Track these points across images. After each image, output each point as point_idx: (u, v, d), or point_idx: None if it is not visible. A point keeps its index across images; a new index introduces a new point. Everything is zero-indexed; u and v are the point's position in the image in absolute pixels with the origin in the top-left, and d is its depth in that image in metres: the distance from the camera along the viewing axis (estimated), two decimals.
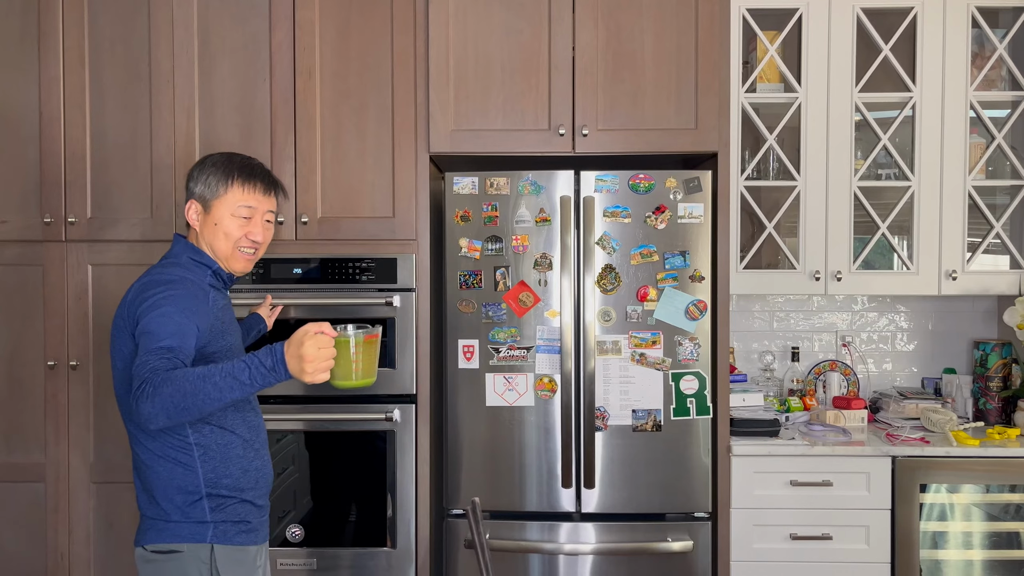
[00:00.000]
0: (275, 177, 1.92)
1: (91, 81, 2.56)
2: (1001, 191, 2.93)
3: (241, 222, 1.83)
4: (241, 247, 1.84)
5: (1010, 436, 2.59)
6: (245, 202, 1.82)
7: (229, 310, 1.89)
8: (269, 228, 1.90)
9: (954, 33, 2.77)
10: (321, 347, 1.48)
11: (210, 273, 1.84)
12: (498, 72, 2.53)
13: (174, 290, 1.70)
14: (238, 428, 1.79)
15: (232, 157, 1.86)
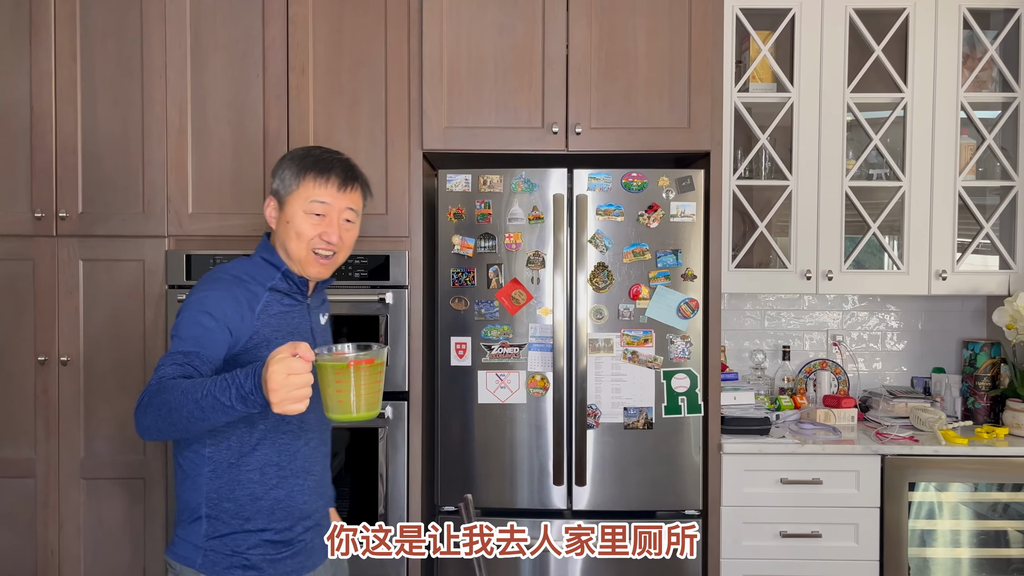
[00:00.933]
0: (357, 171, 1.69)
1: (83, 75, 2.55)
2: (991, 192, 2.94)
3: (314, 220, 1.61)
4: (315, 249, 1.62)
5: (998, 435, 2.61)
6: (318, 197, 1.60)
7: (297, 319, 1.67)
8: (349, 229, 1.66)
9: (945, 34, 2.79)
10: (292, 373, 1.23)
11: (279, 275, 1.65)
12: (492, 69, 2.53)
13: (215, 289, 1.56)
14: (263, 449, 1.59)
15: (311, 149, 1.68)
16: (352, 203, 1.65)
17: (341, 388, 1.24)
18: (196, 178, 2.55)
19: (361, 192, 1.69)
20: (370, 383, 1.27)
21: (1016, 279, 2.82)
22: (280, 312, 1.63)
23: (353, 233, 1.69)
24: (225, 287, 1.57)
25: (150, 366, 2.54)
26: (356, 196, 1.67)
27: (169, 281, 2.53)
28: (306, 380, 1.23)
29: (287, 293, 1.66)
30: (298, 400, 1.23)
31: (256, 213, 2.54)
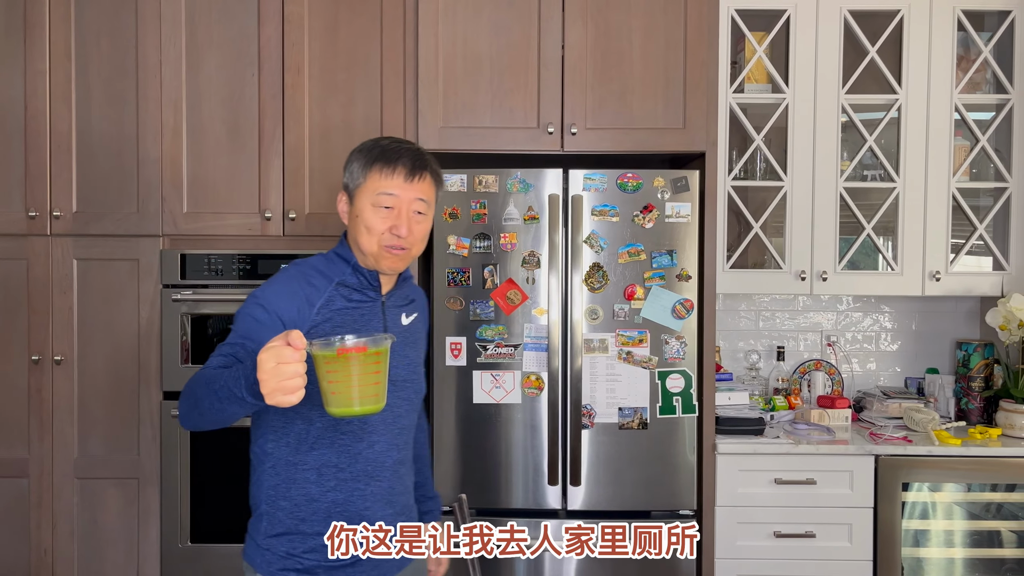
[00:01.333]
0: (426, 160, 1.58)
1: (77, 74, 2.54)
2: (985, 193, 2.95)
3: (383, 213, 1.53)
4: (386, 243, 1.53)
5: (991, 436, 2.61)
6: (385, 189, 1.52)
7: (367, 315, 1.59)
8: (420, 221, 1.57)
9: (940, 36, 2.80)
10: (281, 362, 1.15)
11: (349, 270, 1.58)
12: (487, 69, 2.53)
13: (274, 283, 1.53)
14: (321, 448, 1.53)
15: (380, 140, 1.60)
16: (422, 194, 1.56)
17: (332, 379, 1.16)
18: (191, 177, 2.55)
19: (433, 182, 1.60)
20: (364, 375, 1.19)
21: (1009, 280, 2.83)
22: (345, 308, 1.56)
23: (425, 225, 1.59)
24: (284, 281, 1.53)
25: (144, 365, 2.53)
26: (426, 186, 1.57)
27: (164, 280, 2.53)
28: (296, 370, 1.15)
29: (357, 288, 1.58)
30: (289, 391, 1.16)
31: (252, 212, 2.54)
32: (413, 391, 1.67)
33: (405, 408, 1.63)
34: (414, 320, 1.71)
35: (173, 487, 2.53)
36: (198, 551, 2.54)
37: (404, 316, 1.67)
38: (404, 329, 1.66)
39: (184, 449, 2.53)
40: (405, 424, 1.63)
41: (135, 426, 2.54)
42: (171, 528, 2.54)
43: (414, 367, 1.67)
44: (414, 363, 1.68)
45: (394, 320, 1.64)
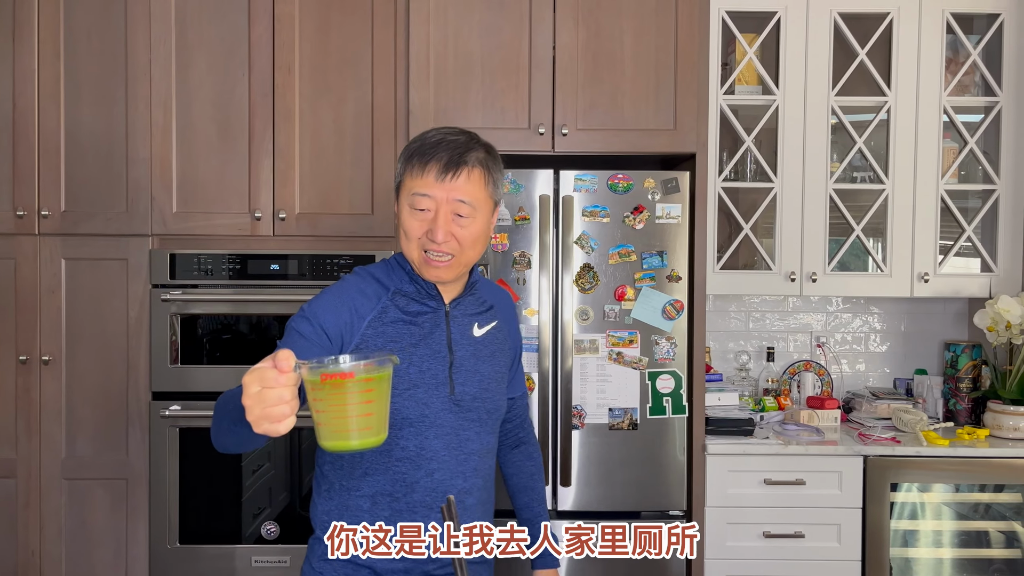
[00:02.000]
0: (467, 154, 1.39)
1: (66, 73, 2.53)
2: (973, 195, 2.97)
3: (419, 216, 1.37)
4: (427, 250, 1.37)
5: (979, 436, 2.63)
6: (417, 189, 1.37)
7: (427, 327, 1.43)
8: (465, 224, 1.38)
9: (929, 39, 2.81)
10: (266, 386, 0.99)
11: (406, 277, 1.45)
12: (478, 70, 2.53)
13: (326, 293, 1.41)
14: (376, 475, 1.40)
15: (427, 132, 1.44)
16: (460, 194, 1.37)
17: (318, 408, 1.00)
18: (180, 177, 2.54)
19: (482, 176, 1.40)
20: (353, 404, 1.00)
21: (997, 282, 2.84)
22: (400, 320, 1.41)
23: (472, 228, 1.39)
24: (334, 291, 1.41)
25: (133, 366, 2.52)
26: (465, 185, 1.37)
27: (153, 280, 2.52)
28: (281, 396, 0.98)
29: (415, 298, 1.44)
30: (275, 420, 0.99)
31: (242, 212, 2.53)
32: (485, 411, 1.47)
33: (474, 431, 1.45)
34: (491, 330, 1.52)
35: (162, 488, 2.52)
36: (187, 552, 2.53)
37: (476, 326, 1.50)
38: (476, 341, 1.49)
39: (173, 450, 2.52)
40: (474, 449, 1.45)
41: (123, 427, 2.53)
42: (160, 529, 2.53)
43: (487, 384, 1.48)
44: (488, 379, 1.48)
45: (462, 332, 1.47)
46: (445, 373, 1.43)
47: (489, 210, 1.44)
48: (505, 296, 1.63)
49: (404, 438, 1.39)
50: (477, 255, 1.44)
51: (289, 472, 2.55)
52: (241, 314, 2.53)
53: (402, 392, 1.37)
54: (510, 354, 1.58)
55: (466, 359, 1.46)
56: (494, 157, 1.44)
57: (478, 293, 1.53)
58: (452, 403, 1.42)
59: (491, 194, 1.43)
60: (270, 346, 2.53)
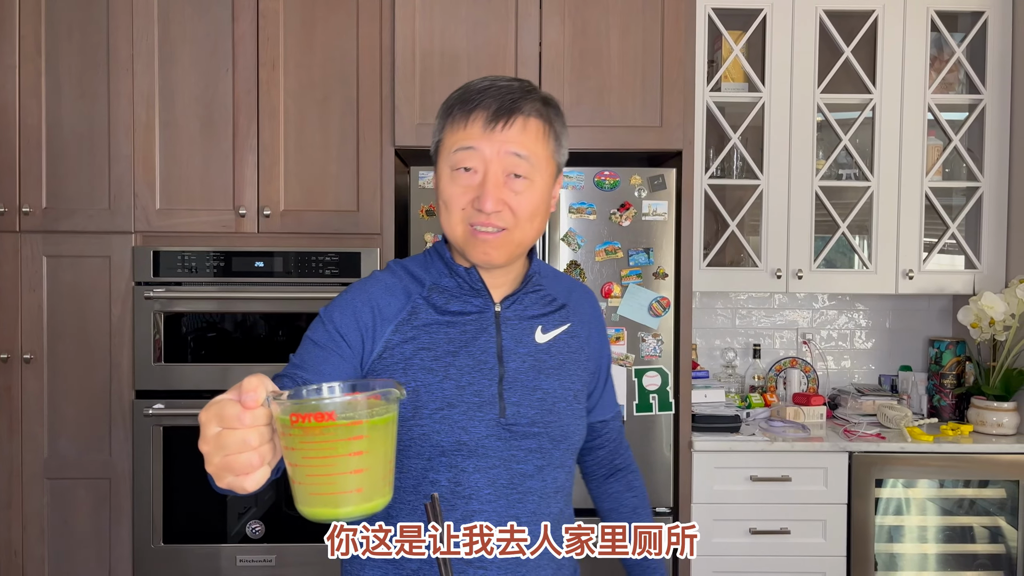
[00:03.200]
0: (522, 98, 1.11)
1: (47, 69, 2.50)
2: (957, 192, 2.99)
3: (463, 180, 1.10)
4: (472, 223, 1.10)
5: (963, 432, 2.65)
6: (460, 142, 1.09)
7: (471, 332, 1.16)
8: (521, 189, 1.10)
9: (913, 36, 2.82)
10: (227, 426, 0.73)
11: (445, 269, 1.19)
12: (464, 66, 2.52)
13: (349, 292, 1.18)
14: (402, 514, 1.14)
15: (471, 82, 1.15)
16: (515, 144, 1.09)
17: (291, 460, 0.73)
18: (164, 174, 2.51)
19: (542, 129, 1.12)
20: (342, 457, 0.71)
21: (981, 279, 2.86)
22: (435, 321, 1.15)
23: (529, 196, 1.11)
24: (358, 288, 1.17)
25: (116, 364, 2.50)
26: (520, 135, 1.09)
27: (136, 278, 2.49)
28: (245, 440, 0.72)
29: (455, 294, 1.17)
30: (239, 472, 0.73)
31: (226, 209, 2.51)
32: (549, 439, 1.16)
33: (533, 464, 1.15)
34: (562, 336, 1.22)
35: (145, 487, 2.50)
36: (171, 552, 2.51)
37: (540, 330, 1.20)
38: (538, 350, 1.18)
39: (157, 449, 2.50)
40: (533, 488, 1.15)
41: (106, 426, 2.51)
42: (143, 529, 2.51)
43: (552, 404, 1.16)
44: (553, 398, 1.17)
45: (518, 337, 1.18)
46: (493, 390, 1.13)
47: (551, 175, 1.14)
48: (582, 292, 1.31)
49: (435, 470, 1.12)
50: (535, 233, 1.14)
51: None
52: (226, 312, 2.51)
53: (433, 413, 1.10)
54: (589, 366, 1.26)
55: (522, 372, 1.15)
56: (556, 109, 1.15)
57: (543, 288, 1.23)
58: (502, 428, 1.13)
59: (553, 153, 1.14)
60: (255, 344, 2.51)
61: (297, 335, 2.50)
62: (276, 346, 2.51)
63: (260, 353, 2.51)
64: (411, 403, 1.10)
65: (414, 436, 1.11)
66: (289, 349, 2.50)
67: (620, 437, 1.41)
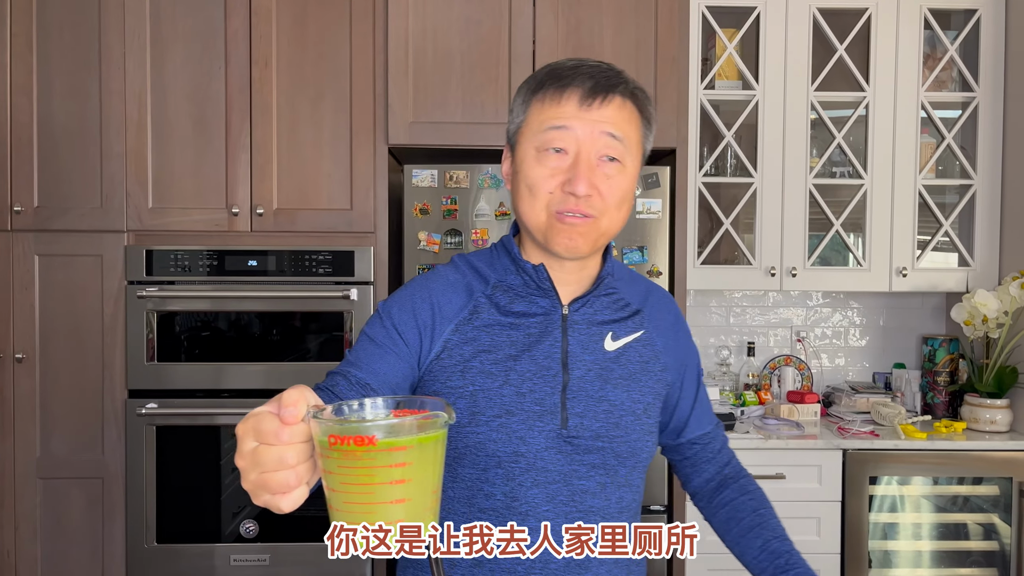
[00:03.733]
0: (617, 79, 1.05)
1: (39, 66, 2.49)
2: (950, 190, 2.99)
3: (552, 161, 1.03)
4: (558, 209, 1.03)
5: (956, 429, 2.65)
6: (552, 121, 1.03)
7: (535, 334, 1.08)
8: (613, 173, 1.03)
9: (907, 34, 2.83)
10: (264, 441, 0.68)
11: (512, 266, 1.11)
12: (458, 64, 2.51)
13: (409, 287, 1.12)
14: (457, 514, 1.09)
15: (555, 62, 1.09)
16: (611, 124, 1.02)
17: (329, 484, 0.68)
18: (156, 172, 2.50)
19: (635, 110, 1.05)
20: (383, 485, 0.66)
21: (974, 276, 2.86)
22: (497, 322, 1.08)
23: (620, 182, 1.04)
24: (420, 282, 1.12)
25: (108, 364, 2.49)
26: (617, 113, 1.03)
27: (128, 277, 2.48)
28: (280, 458, 0.67)
29: (520, 293, 1.10)
30: (275, 491, 0.69)
31: (219, 208, 2.50)
32: (614, 455, 1.08)
33: (595, 481, 1.08)
34: (634, 344, 1.13)
35: (139, 487, 2.49)
36: (165, 551, 2.50)
37: (610, 337, 1.12)
38: (606, 358, 1.10)
39: (151, 448, 2.49)
40: (595, 507, 1.08)
41: (99, 425, 2.50)
42: (137, 528, 2.50)
43: (620, 418, 1.09)
44: (621, 411, 1.09)
45: (585, 343, 1.10)
46: (555, 399, 1.06)
47: (638, 162, 1.08)
48: (660, 297, 1.21)
49: (490, 482, 1.05)
50: (621, 222, 1.07)
51: None
52: (219, 311, 2.50)
53: (490, 420, 1.04)
54: (665, 378, 1.16)
55: (588, 381, 1.08)
56: (647, 95, 1.09)
57: (616, 291, 1.15)
58: (563, 441, 1.06)
59: (643, 139, 1.08)
60: (249, 343, 2.51)
61: (291, 334, 2.50)
62: (270, 345, 2.50)
63: (254, 352, 2.50)
64: (468, 408, 1.04)
65: (469, 444, 1.04)
66: (283, 348, 2.49)
67: (724, 447, 1.30)
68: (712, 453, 1.28)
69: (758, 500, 1.24)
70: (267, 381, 2.48)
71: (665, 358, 1.17)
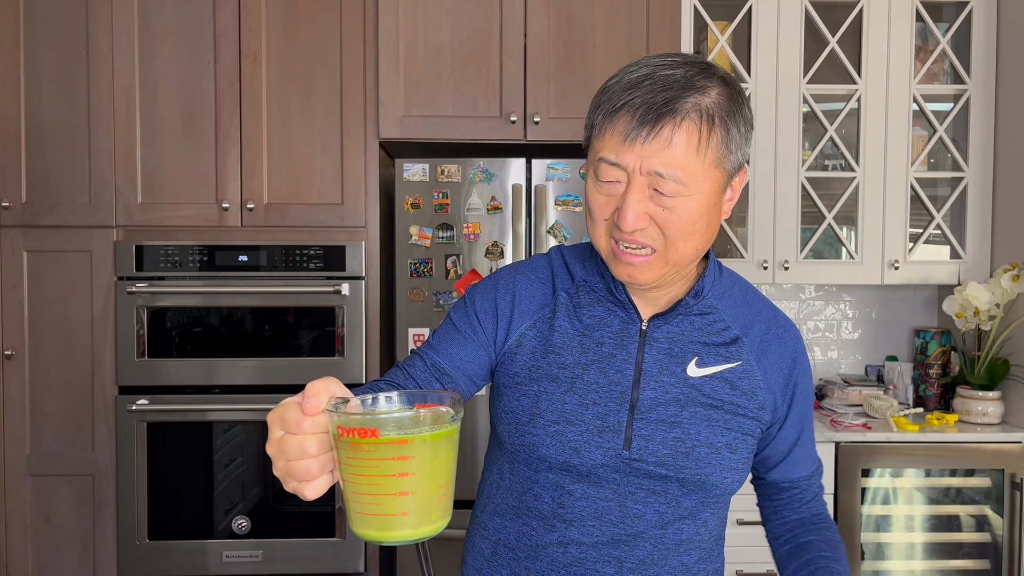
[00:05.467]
0: (688, 96, 0.91)
1: (26, 61, 2.47)
2: (942, 183, 2.99)
3: (607, 190, 0.96)
4: (615, 238, 0.96)
5: (948, 422, 2.66)
6: (601, 153, 0.95)
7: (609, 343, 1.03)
8: (674, 204, 0.93)
9: (898, 27, 2.82)
10: (288, 430, 0.71)
11: (598, 268, 1.06)
12: (449, 58, 2.50)
13: (499, 274, 1.10)
14: (503, 515, 1.09)
15: (637, 62, 0.97)
16: (658, 163, 0.91)
17: (343, 476, 0.69)
18: (145, 167, 2.49)
19: (701, 132, 0.92)
20: (388, 477, 0.67)
21: (966, 269, 2.87)
22: (573, 327, 1.03)
23: (683, 211, 0.93)
24: (508, 272, 1.09)
25: (98, 360, 2.47)
26: (663, 150, 0.91)
27: (118, 273, 2.47)
28: (301, 447, 0.69)
29: (601, 297, 1.05)
30: (300, 478, 0.70)
31: (209, 203, 2.49)
32: (679, 484, 1.01)
33: (653, 508, 1.01)
34: (723, 374, 1.03)
35: (130, 484, 2.48)
36: (156, 548, 2.49)
37: (695, 362, 1.03)
38: (687, 384, 1.02)
39: (141, 445, 2.48)
40: (647, 533, 1.01)
41: (89, 422, 2.49)
42: (128, 525, 2.49)
43: (693, 449, 1.00)
44: (697, 443, 1.00)
45: (663, 364, 1.02)
46: (621, 416, 1.00)
47: (716, 183, 0.95)
48: (773, 325, 1.08)
49: (539, 484, 1.03)
50: (694, 251, 0.97)
51: (262, 466, 2.52)
52: (210, 306, 2.49)
53: (547, 425, 1.00)
54: (762, 416, 1.05)
55: (661, 404, 1.00)
56: (731, 99, 0.95)
57: (716, 312, 1.05)
58: (622, 461, 1.00)
59: (717, 162, 0.94)
60: (240, 339, 2.50)
61: (283, 329, 2.49)
62: (262, 341, 2.49)
63: (246, 348, 2.49)
64: (529, 408, 1.01)
65: (524, 444, 1.02)
66: (275, 343, 2.48)
67: (817, 500, 1.18)
68: (800, 503, 1.17)
69: (827, 542, 1.11)
70: (259, 377, 2.47)
71: (765, 395, 1.05)
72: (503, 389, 1.05)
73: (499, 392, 1.06)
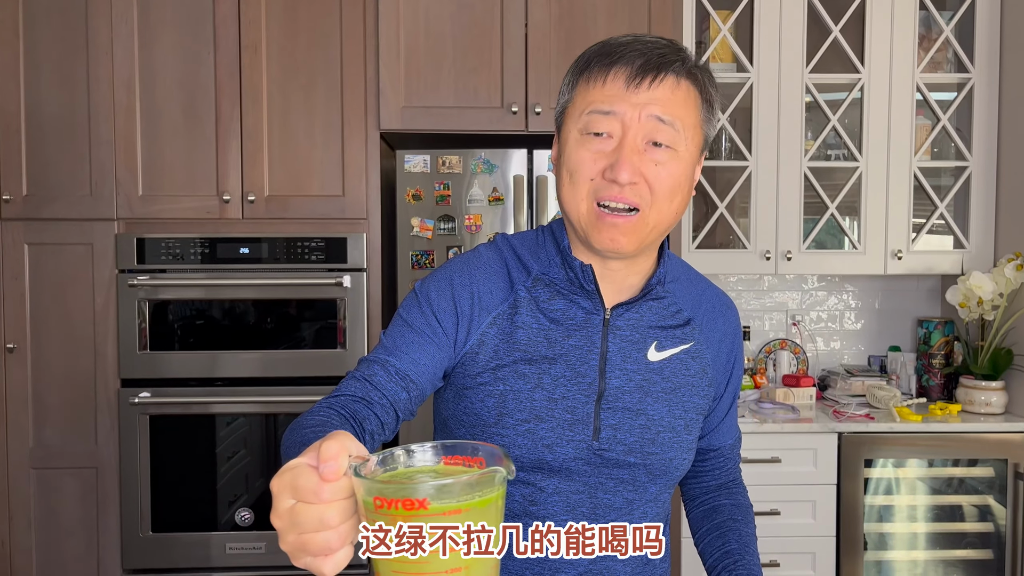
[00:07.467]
0: (679, 59, 0.95)
1: (26, 53, 2.46)
2: (945, 173, 2.98)
3: (595, 145, 0.94)
4: (600, 198, 0.94)
5: (951, 412, 2.65)
6: (595, 103, 0.94)
7: (575, 339, 1.01)
8: (666, 160, 0.94)
9: (902, 15, 2.81)
10: (303, 499, 0.60)
11: (558, 258, 1.03)
12: (450, 48, 2.49)
13: (447, 266, 1.04)
14: None
15: (610, 38, 0.99)
16: (660, 106, 0.92)
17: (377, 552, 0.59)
18: (146, 159, 2.48)
19: (694, 93, 0.95)
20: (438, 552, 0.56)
21: (969, 258, 2.86)
22: (536, 322, 1.00)
23: (672, 169, 0.94)
24: (460, 265, 1.03)
25: (100, 353, 2.47)
26: (667, 94, 0.93)
27: (119, 266, 2.47)
28: (320, 518, 0.59)
29: (563, 291, 1.02)
30: (317, 552, 0.60)
31: (210, 195, 2.48)
32: (646, 472, 1.02)
33: (622, 497, 1.02)
34: (679, 356, 1.05)
35: (133, 476, 2.48)
36: (160, 540, 2.49)
37: (654, 347, 1.04)
38: (648, 369, 1.03)
39: (144, 437, 2.48)
40: (612, 519, 1.02)
41: (92, 414, 2.49)
42: (131, 517, 2.49)
43: (657, 434, 1.02)
44: (659, 427, 1.02)
45: (627, 351, 1.02)
46: (589, 408, 0.99)
47: (697, 147, 0.97)
48: (714, 305, 1.11)
49: (511, 483, 0.97)
50: (674, 216, 0.98)
51: (266, 458, 2.52)
52: (212, 299, 2.49)
53: (517, 424, 0.98)
54: (709, 393, 1.09)
55: (626, 392, 1.01)
56: (709, 73, 0.98)
57: (670, 296, 1.06)
58: (592, 453, 0.99)
59: (702, 123, 0.97)
60: (242, 331, 2.49)
61: (285, 321, 2.48)
62: (264, 333, 2.49)
63: (248, 340, 2.49)
64: (496, 408, 0.98)
65: None
66: (277, 336, 2.48)
67: (734, 466, 1.22)
68: (717, 466, 1.20)
69: (740, 510, 1.16)
70: (261, 369, 2.47)
71: (713, 372, 1.09)
72: (463, 391, 1.00)
73: (458, 394, 1.01)
